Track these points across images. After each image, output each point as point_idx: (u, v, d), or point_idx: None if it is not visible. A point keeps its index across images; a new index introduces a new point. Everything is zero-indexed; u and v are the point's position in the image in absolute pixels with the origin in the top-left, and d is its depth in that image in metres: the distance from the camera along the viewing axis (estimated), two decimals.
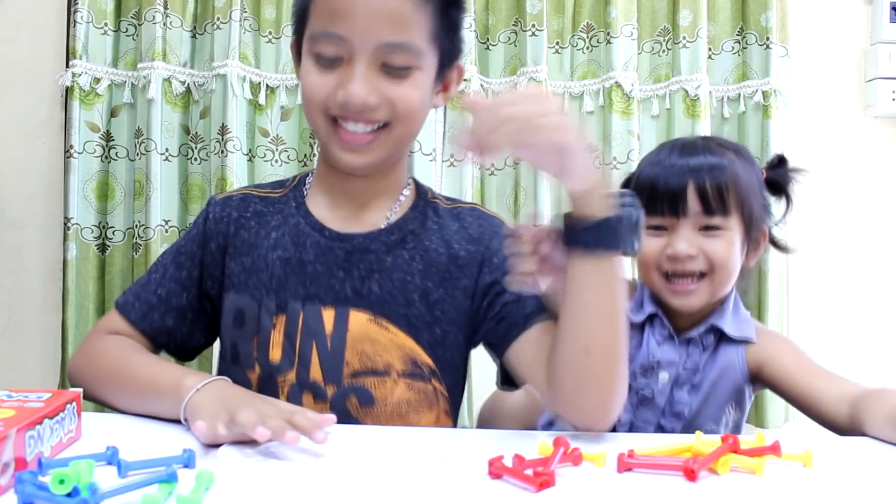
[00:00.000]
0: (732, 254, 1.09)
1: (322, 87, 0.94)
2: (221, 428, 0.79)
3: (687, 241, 1.07)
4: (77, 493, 0.62)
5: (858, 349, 2.12)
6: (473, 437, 0.98)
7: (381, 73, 0.93)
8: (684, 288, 1.08)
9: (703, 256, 1.08)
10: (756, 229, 1.12)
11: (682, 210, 1.08)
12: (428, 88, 0.98)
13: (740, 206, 1.09)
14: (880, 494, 0.71)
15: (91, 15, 1.96)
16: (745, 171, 1.11)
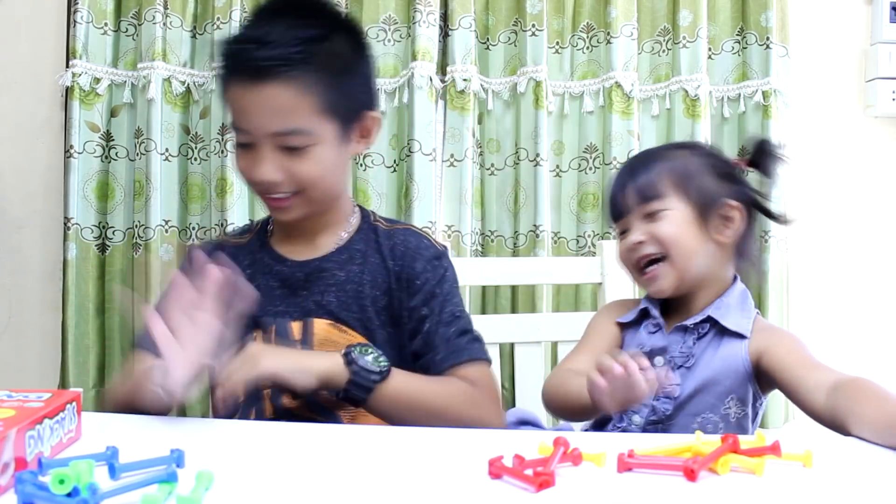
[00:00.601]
0: (678, 230, 1.15)
1: (244, 168, 1.12)
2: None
3: (636, 232, 1.17)
4: (77, 493, 0.62)
5: (858, 348, 2.12)
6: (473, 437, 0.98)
7: (283, 153, 1.08)
8: (651, 273, 1.16)
9: (651, 240, 1.15)
10: (712, 205, 1.16)
11: (624, 208, 1.18)
12: (331, 154, 1.11)
13: (678, 188, 1.16)
14: (880, 495, 0.71)
15: (91, 15, 1.96)
16: (683, 157, 1.20)
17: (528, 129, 1.99)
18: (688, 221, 1.15)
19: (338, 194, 1.20)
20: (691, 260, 1.15)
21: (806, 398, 1.03)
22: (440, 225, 1.99)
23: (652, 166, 1.19)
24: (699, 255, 1.15)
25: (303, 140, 1.08)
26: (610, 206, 1.24)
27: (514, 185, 2.02)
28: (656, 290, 1.18)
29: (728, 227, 1.18)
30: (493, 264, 1.72)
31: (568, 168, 2.05)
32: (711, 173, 1.19)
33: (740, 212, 1.18)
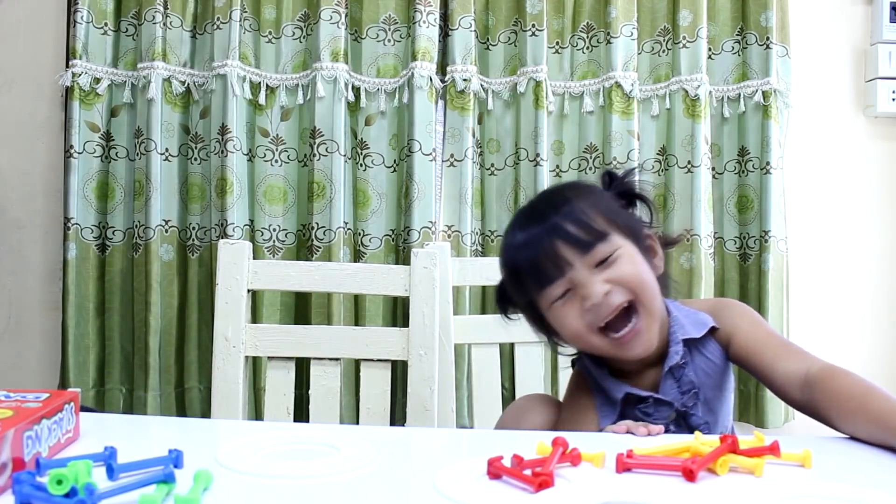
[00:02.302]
0: (638, 269, 1.01)
1: None
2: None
3: (596, 284, 0.98)
4: (75, 494, 0.62)
5: (858, 348, 2.12)
6: (473, 437, 0.98)
7: None
8: (629, 332, 1.00)
9: (617, 287, 0.99)
10: (642, 237, 1.06)
11: (566, 265, 0.99)
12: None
13: (612, 223, 1.02)
14: (880, 495, 0.71)
15: (91, 15, 1.96)
16: (593, 196, 1.06)
17: (528, 129, 1.99)
18: (640, 257, 1.02)
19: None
20: (655, 296, 1.02)
21: (779, 390, 1.01)
22: (440, 225, 1.99)
23: (571, 209, 1.01)
24: (656, 288, 1.03)
25: None
26: (535, 271, 1.01)
27: (514, 185, 2.01)
28: (640, 351, 1.01)
29: (656, 257, 1.08)
30: (493, 264, 1.71)
31: (568, 168, 2.05)
32: (619, 207, 1.08)
33: (654, 241, 1.09)
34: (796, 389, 0.98)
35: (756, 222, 2.03)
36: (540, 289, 1.02)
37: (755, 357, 1.04)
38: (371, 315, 1.94)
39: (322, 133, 1.94)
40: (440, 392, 1.45)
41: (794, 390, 0.98)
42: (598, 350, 1.03)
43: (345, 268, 1.54)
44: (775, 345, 1.04)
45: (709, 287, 1.99)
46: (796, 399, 0.98)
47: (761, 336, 1.05)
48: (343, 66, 1.95)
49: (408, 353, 1.43)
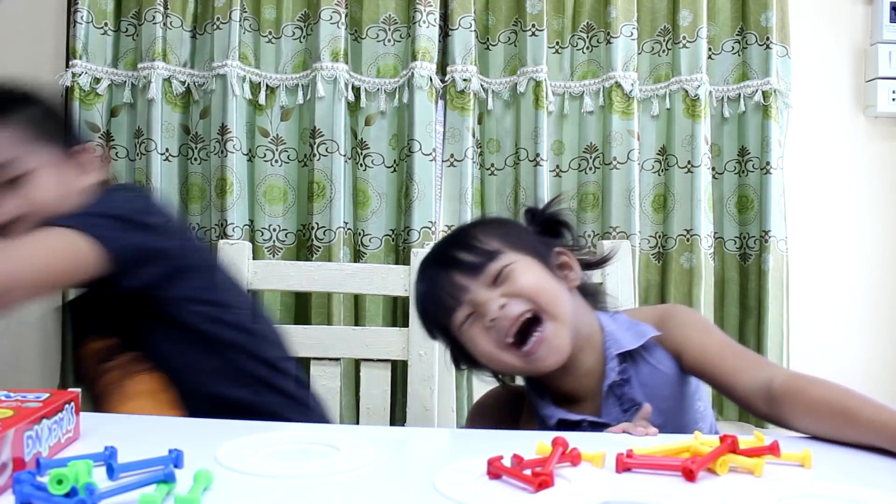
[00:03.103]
0: (535, 278, 1.01)
1: None
2: None
3: (492, 301, 0.99)
4: (75, 494, 0.62)
5: (858, 348, 2.12)
6: (473, 437, 0.98)
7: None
8: (535, 342, 0.99)
9: (514, 299, 1.00)
10: (549, 253, 1.07)
11: (462, 291, 1.01)
12: (47, 180, 1.15)
13: (509, 242, 1.04)
14: (880, 495, 0.71)
15: (91, 15, 1.96)
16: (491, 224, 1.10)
17: (528, 129, 1.99)
18: (539, 269, 1.03)
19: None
20: (564, 305, 1.02)
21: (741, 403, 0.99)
22: (440, 225, 1.99)
23: (461, 240, 1.05)
24: (566, 298, 1.03)
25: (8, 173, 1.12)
26: (435, 303, 1.04)
27: (514, 185, 2.01)
28: (554, 358, 1.00)
29: (571, 272, 1.08)
30: None
31: (568, 168, 2.05)
32: (528, 232, 1.10)
33: (569, 256, 1.09)
34: (760, 402, 0.95)
35: (756, 222, 2.03)
36: (447, 319, 1.03)
37: (711, 369, 1.01)
38: (371, 315, 1.94)
39: (322, 133, 1.94)
40: (440, 392, 1.45)
41: (759, 403, 0.95)
42: (513, 368, 1.03)
43: (344, 268, 1.54)
44: (730, 355, 1.01)
45: (708, 287, 1.99)
46: (762, 412, 0.95)
47: (713, 346, 1.02)
48: (343, 66, 1.95)
49: (408, 353, 1.43)
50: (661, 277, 2.03)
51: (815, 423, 0.90)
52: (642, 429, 0.90)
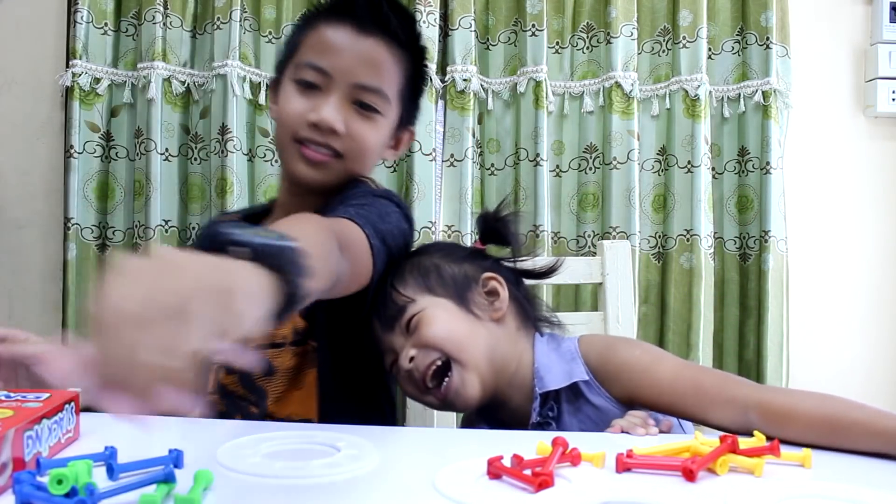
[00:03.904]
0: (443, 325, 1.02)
1: (297, 108, 1.08)
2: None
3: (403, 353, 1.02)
4: (75, 494, 0.62)
5: (858, 348, 2.12)
6: (473, 437, 0.98)
7: (351, 109, 1.08)
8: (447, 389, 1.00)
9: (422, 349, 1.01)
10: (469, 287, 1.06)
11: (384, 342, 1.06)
12: (385, 136, 1.13)
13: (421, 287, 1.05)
14: (879, 495, 0.71)
15: (91, 15, 1.96)
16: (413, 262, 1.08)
17: (528, 129, 1.99)
18: (449, 312, 1.03)
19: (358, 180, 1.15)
20: (475, 348, 1.01)
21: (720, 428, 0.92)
22: (440, 225, 1.99)
23: (392, 281, 1.06)
24: (480, 339, 1.03)
25: (378, 103, 1.08)
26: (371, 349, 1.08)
27: (514, 185, 2.01)
28: (465, 402, 1.01)
29: (496, 300, 1.07)
30: None
31: (568, 168, 2.05)
32: (451, 261, 1.09)
33: (499, 281, 1.08)
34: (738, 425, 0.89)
35: (756, 222, 2.03)
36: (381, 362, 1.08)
37: (673, 410, 0.96)
38: None
39: None
40: None
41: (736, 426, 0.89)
42: (434, 408, 1.08)
43: None
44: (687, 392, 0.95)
45: (708, 287, 1.99)
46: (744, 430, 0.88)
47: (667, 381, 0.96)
48: None
49: None
50: (661, 277, 2.03)
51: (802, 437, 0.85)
52: (642, 429, 0.90)
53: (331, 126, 1.06)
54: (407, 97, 1.15)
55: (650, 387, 0.97)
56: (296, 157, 1.09)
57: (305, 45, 1.10)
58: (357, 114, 1.08)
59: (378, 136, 1.11)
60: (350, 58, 1.06)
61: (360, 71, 1.07)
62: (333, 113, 1.06)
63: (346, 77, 1.07)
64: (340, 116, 1.07)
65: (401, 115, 1.15)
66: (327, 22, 1.09)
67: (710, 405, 0.92)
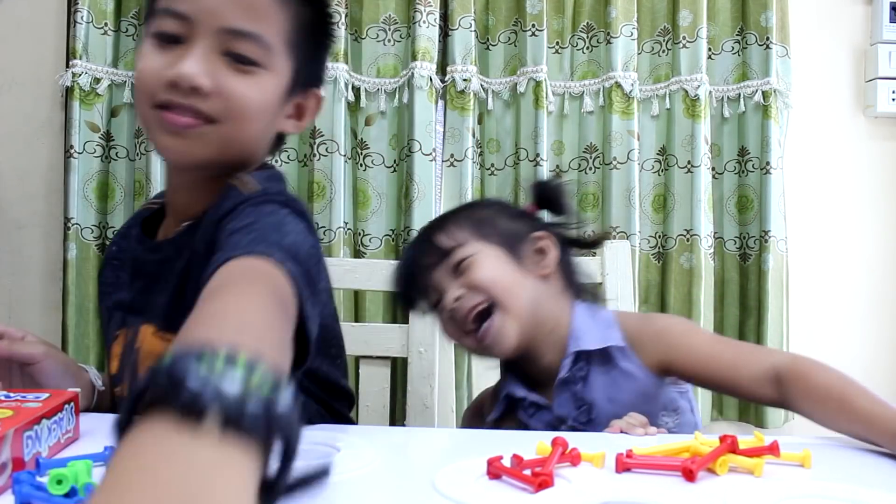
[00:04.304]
0: (494, 270, 1.04)
1: (152, 67, 0.85)
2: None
3: (451, 291, 1.04)
4: (75, 494, 0.62)
5: (858, 348, 2.12)
6: (472, 437, 0.98)
7: (222, 62, 0.85)
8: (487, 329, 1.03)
9: (470, 290, 1.03)
10: (520, 240, 1.08)
11: (426, 275, 1.07)
12: (273, 96, 0.90)
13: (476, 233, 1.07)
14: (879, 495, 0.71)
15: (91, 15, 1.96)
16: (469, 211, 1.13)
17: (528, 129, 1.99)
18: (500, 260, 1.05)
19: (247, 155, 0.93)
20: (519, 297, 1.04)
21: (748, 394, 0.99)
22: None
23: (439, 227, 1.09)
24: (525, 290, 1.05)
25: (256, 53, 0.86)
26: (409, 282, 1.11)
27: (514, 185, 2.01)
28: (501, 347, 1.04)
29: (543, 258, 1.08)
30: None
31: (568, 168, 2.05)
32: (505, 216, 1.12)
33: (550, 240, 1.10)
34: (767, 388, 0.95)
35: (756, 222, 2.03)
36: (422, 299, 1.10)
37: (708, 370, 1.00)
38: (371, 315, 1.94)
39: (322, 133, 1.94)
40: (440, 391, 1.45)
41: (766, 390, 0.95)
42: (472, 351, 1.09)
43: (344, 263, 1.54)
44: (725, 350, 1.01)
45: (708, 287, 1.99)
46: (769, 397, 0.96)
47: (704, 347, 1.02)
48: (343, 66, 1.95)
49: (408, 350, 1.43)
50: (661, 277, 2.03)
51: (812, 407, 0.91)
52: (641, 429, 0.90)
53: (192, 82, 0.83)
54: (302, 48, 0.92)
55: (687, 352, 1.01)
56: (156, 127, 0.87)
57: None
58: (229, 67, 0.85)
59: (260, 93, 0.88)
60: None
61: (229, 12, 0.84)
62: (195, 66, 0.83)
63: (212, 21, 0.84)
64: (205, 69, 0.83)
65: (295, 71, 0.92)
66: None
67: (744, 361, 0.97)
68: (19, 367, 0.94)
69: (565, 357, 1.04)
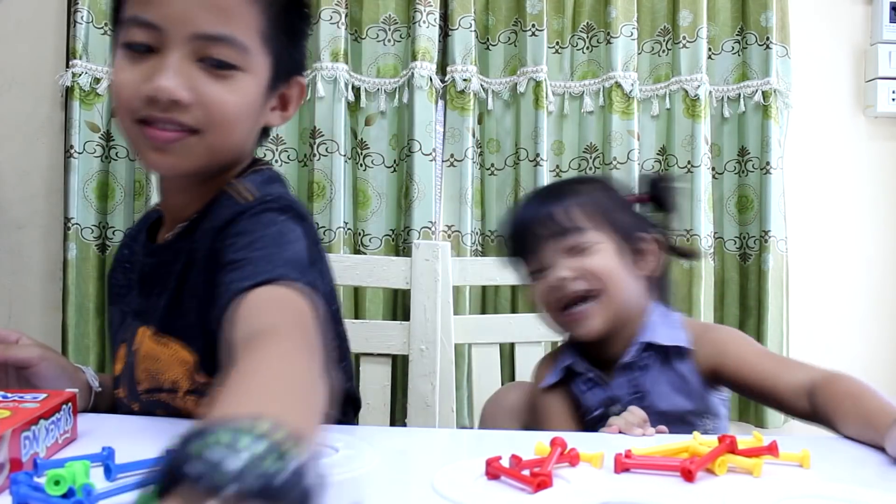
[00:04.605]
0: (609, 264, 1.08)
1: (129, 81, 0.84)
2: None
3: (561, 268, 1.08)
4: (72, 495, 0.62)
5: (858, 348, 2.12)
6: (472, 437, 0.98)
7: (198, 69, 0.83)
8: (578, 313, 1.08)
9: (581, 276, 1.07)
10: (630, 238, 1.12)
11: (547, 240, 1.10)
12: (254, 97, 0.88)
13: (599, 219, 1.10)
14: (878, 495, 0.71)
15: (91, 15, 1.96)
16: (594, 190, 1.15)
17: (528, 129, 1.99)
18: (613, 254, 1.09)
19: (236, 156, 0.92)
20: (621, 292, 1.09)
21: (784, 403, 1.02)
22: (440, 225, 1.99)
23: (564, 200, 1.11)
24: (627, 286, 1.09)
25: (232, 56, 0.84)
26: (517, 240, 1.14)
27: (514, 185, 2.01)
28: (585, 331, 1.09)
29: (645, 259, 1.13)
30: (493, 264, 1.72)
31: (568, 168, 2.05)
32: (621, 208, 1.15)
33: (658, 243, 1.14)
34: (803, 399, 0.98)
35: (756, 222, 2.03)
36: (523, 258, 1.13)
37: (750, 376, 1.04)
38: (371, 314, 1.94)
39: (322, 133, 1.94)
40: (441, 390, 1.45)
41: (801, 400, 0.98)
42: (553, 323, 1.13)
43: (344, 259, 1.54)
44: (769, 360, 1.06)
45: (708, 287, 1.99)
46: (803, 409, 0.99)
47: (752, 356, 1.06)
48: (343, 66, 1.95)
49: (409, 348, 1.43)
50: None
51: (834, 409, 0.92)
52: (639, 430, 0.91)
53: (171, 96, 0.81)
54: (278, 40, 0.89)
55: (735, 361, 1.06)
56: (141, 143, 0.86)
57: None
58: (206, 73, 0.83)
59: (242, 97, 0.86)
60: (182, 2, 0.82)
61: (199, 17, 0.82)
62: (172, 79, 0.81)
63: (182, 28, 0.82)
64: (182, 81, 0.82)
65: (275, 65, 0.90)
66: None
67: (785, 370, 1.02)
68: (15, 371, 0.94)
69: (633, 345, 1.09)
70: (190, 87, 0.82)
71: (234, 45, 0.84)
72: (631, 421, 0.93)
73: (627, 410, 0.96)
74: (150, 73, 0.82)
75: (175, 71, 0.81)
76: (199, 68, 0.83)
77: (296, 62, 0.95)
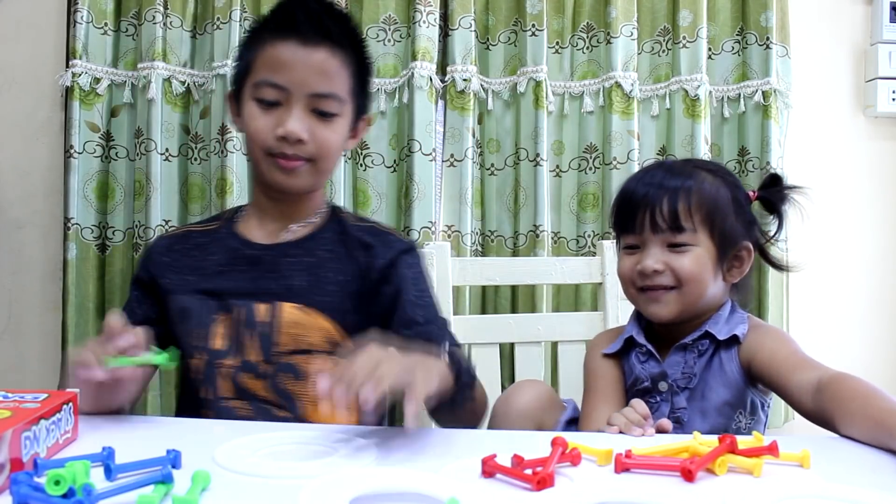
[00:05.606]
0: (699, 269, 1.13)
1: (264, 126, 1.16)
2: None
3: (654, 258, 1.13)
4: (73, 494, 0.62)
5: (858, 347, 2.12)
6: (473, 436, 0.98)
7: (311, 117, 1.16)
8: (655, 295, 1.14)
9: (669, 272, 1.13)
10: (732, 246, 1.16)
11: (650, 227, 1.14)
12: (345, 133, 1.22)
13: (708, 224, 1.14)
14: (878, 495, 0.71)
15: (91, 15, 1.96)
16: (716, 190, 1.16)
17: (528, 129, 1.99)
18: (709, 260, 1.13)
19: (328, 177, 1.30)
20: (702, 294, 1.14)
21: (794, 400, 1.04)
22: (440, 225, 1.99)
23: (682, 191, 1.14)
24: (709, 289, 1.14)
25: (335, 107, 1.17)
26: (627, 214, 1.18)
27: (514, 185, 2.01)
28: (655, 314, 1.16)
29: (738, 267, 1.18)
30: (493, 264, 1.72)
31: (568, 168, 2.05)
32: (735, 211, 1.18)
33: (750, 254, 1.18)
34: (808, 397, 1.00)
35: None
36: (621, 227, 1.19)
37: (772, 371, 1.08)
38: None
39: None
40: None
41: (807, 399, 1.00)
42: (629, 296, 1.20)
43: None
44: (793, 359, 1.08)
45: None
46: (808, 408, 1.00)
47: (781, 353, 1.09)
48: None
49: None
50: None
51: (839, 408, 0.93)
52: (639, 430, 0.91)
53: (298, 137, 1.14)
54: (358, 91, 1.22)
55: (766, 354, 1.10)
56: (272, 169, 1.18)
57: (259, 64, 1.18)
58: (318, 120, 1.16)
59: (339, 135, 1.20)
60: (302, 71, 1.15)
61: (314, 81, 1.15)
62: (298, 124, 1.14)
63: (302, 89, 1.15)
64: (304, 126, 1.15)
65: (355, 109, 1.23)
66: (274, 39, 1.17)
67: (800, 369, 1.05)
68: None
69: (695, 331, 1.14)
70: (308, 130, 1.16)
71: (336, 99, 1.17)
72: (631, 419, 0.93)
73: (629, 406, 0.97)
74: (279, 120, 1.15)
75: (299, 119, 1.15)
76: (312, 116, 1.16)
77: (366, 104, 1.28)
